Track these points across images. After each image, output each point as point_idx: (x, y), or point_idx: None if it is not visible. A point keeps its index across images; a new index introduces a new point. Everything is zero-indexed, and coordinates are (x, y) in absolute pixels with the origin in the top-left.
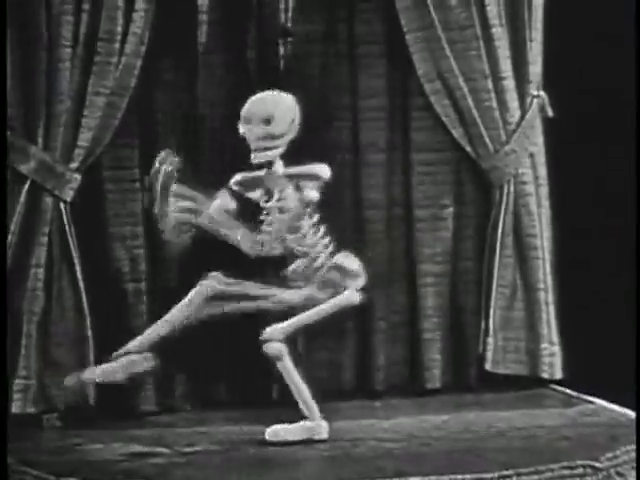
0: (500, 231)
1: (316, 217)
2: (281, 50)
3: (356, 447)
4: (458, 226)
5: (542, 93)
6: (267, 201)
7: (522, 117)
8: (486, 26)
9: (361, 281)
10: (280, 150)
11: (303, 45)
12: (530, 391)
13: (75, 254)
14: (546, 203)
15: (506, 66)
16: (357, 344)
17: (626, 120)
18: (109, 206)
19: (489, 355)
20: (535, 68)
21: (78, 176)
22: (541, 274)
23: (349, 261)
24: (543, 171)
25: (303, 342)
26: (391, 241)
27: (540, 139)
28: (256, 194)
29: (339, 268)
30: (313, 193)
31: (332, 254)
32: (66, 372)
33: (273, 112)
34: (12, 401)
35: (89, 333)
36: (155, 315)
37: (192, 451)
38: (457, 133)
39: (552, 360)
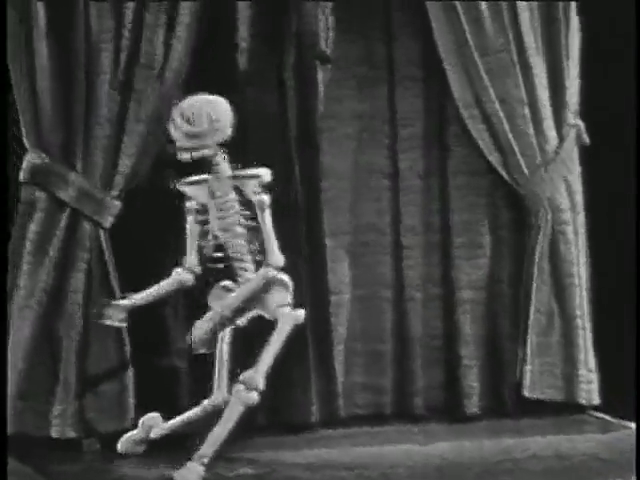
0: (537, 257)
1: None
2: (320, 75)
3: (395, 471)
4: (495, 252)
5: (579, 121)
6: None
7: (559, 144)
8: (522, 52)
9: (289, 297)
10: (206, 151)
11: (341, 69)
12: (567, 417)
13: (114, 280)
14: (582, 230)
15: (543, 93)
16: (396, 369)
17: None
18: (148, 233)
19: (526, 381)
20: (572, 95)
21: (118, 203)
22: (577, 300)
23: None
24: (579, 198)
25: (343, 367)
26: (429, 266)
27: (577, 166)
28: (201, 195)
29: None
30: (264, 197)
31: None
32: (105, 396)
33: (196, 112)
34: (52, 426)
35: (128, 358)
36: None
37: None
38: (494, 159)
39: (589, 386)
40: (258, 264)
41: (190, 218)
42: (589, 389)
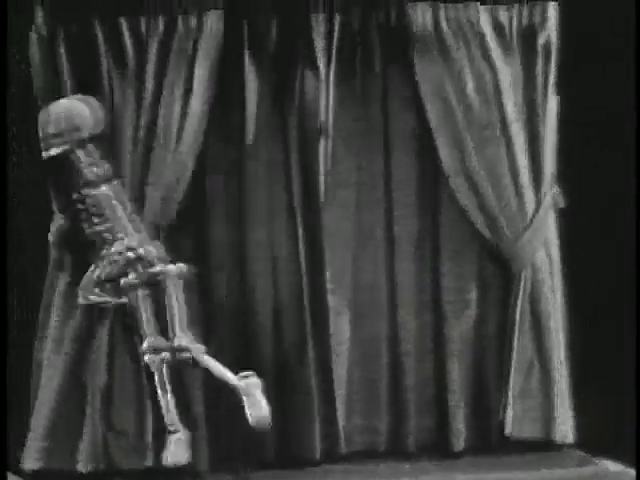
0: (518, 312)
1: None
2: (321, 148)
3: None
4: (481, 308)
5: (555, 187)
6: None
7: (537, 209)
8: (505, 126)
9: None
10: (66, 147)
11: (341, 140)
12: (546, 454)
13: (136, 330)
14: (559, 285)
15: (522, 161)
16: (391, 412)
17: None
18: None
19: (509, 422)
20: (549, 163)
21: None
22: (556, 349)
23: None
24: (557, 258)
25: (344, 410)
26: (421, 321)
27: (553, 229)
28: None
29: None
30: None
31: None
32: (128, 435)
33: (52, 114)
34: (77, 462)
35: (148, 402)
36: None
37: None
38: (480, 224)
39: (565, 426)
40: None
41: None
42: (565, 428)
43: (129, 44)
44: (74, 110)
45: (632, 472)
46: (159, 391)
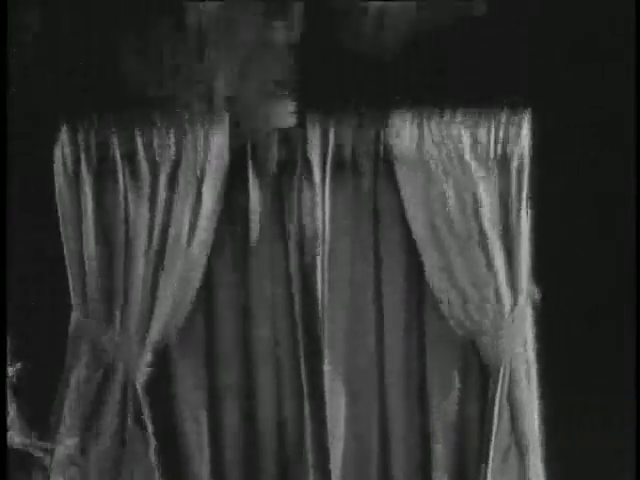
0: (497, 400)
1: None
2: (318, 257)
3: None
4: (464, 394)
5: (531, 285)
6: None
7: (515, 308)
8: (483, 235)
9: None
10: None
11: (334, 242)
12: None
13: (149, 425)
14: (535, 378)
15: (500, 264)
16: None
17: (613, 301)
18: (178, 383)
19: None
20: (524, 265)
21: (149, 356)
22: (531, 438)
23: None
24: (532, 354)
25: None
26: (411, 413)
27: (530, 325)
28: None
29: None
30: None
31: None
32: None
33: None
34: None
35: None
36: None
37: None
38: (462, 319)
39: None
40: None
41: None
42: None
43: (143, 158)
44: None
45: None
46: None
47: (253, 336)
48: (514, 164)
